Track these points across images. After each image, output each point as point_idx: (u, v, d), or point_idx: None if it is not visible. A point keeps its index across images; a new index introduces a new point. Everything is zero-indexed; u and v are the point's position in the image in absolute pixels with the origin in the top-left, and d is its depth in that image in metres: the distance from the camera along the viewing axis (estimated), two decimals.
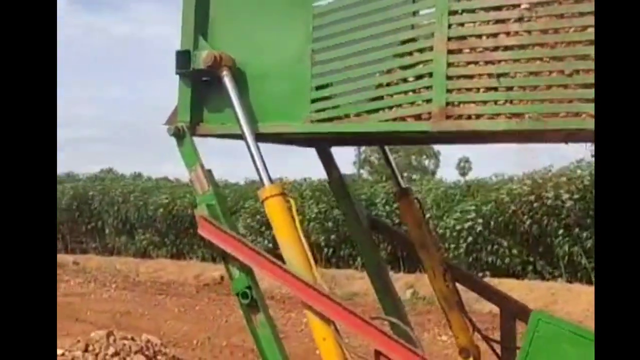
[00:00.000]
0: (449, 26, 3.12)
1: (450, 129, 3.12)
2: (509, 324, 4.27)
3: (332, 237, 14.76)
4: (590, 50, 2.77)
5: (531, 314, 3.10)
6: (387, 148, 4.95)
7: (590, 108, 2.75)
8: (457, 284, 4.58)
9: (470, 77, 3.06)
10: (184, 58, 3.87)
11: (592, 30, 2.78)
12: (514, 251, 12.63)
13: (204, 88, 3.94)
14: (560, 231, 12.01)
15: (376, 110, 3.34)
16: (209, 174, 3.82)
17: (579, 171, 12.36)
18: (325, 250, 15.07)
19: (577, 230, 11.86)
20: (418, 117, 3.20)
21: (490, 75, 3.00)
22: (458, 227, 13.16)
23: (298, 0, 3.67)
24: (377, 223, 5.39)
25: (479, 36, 3.04)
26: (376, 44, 3.39)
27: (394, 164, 4.98)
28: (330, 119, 3.51)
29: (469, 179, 16.95)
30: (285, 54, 3.75)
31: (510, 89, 2.96)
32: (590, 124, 2.74)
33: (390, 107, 3.29)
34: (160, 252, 18.65)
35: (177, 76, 3.99)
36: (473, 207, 13.19)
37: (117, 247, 19.89)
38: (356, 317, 3.23)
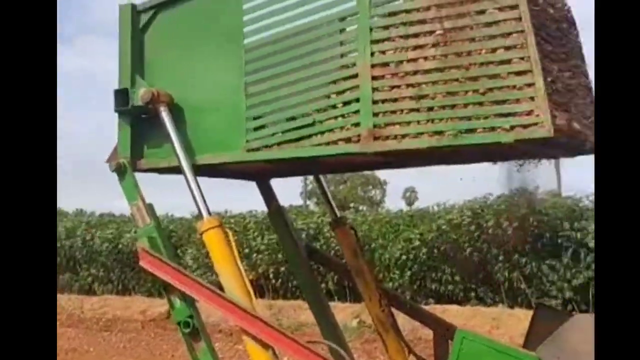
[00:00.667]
0: (372, 54, 3.33)
1: (378, 149, 3.30)
2: (442, 345, 4.46)
3: (282, 269, 14.81)
4: (501, 70, 3.01)
5: (456, 332, 3.30)
6: (322, 178, 5.14)
7: (504, 122, 2.98)
8: (394, 310, 4.77)
9: (394, 100, 3.26)
10: (122, 96, 4.00)
11: (501, 51, 3.01)
12: (457, 278, 12.90)
13: (143, 125, 4.07)
14: (500, 258, 12.32)
15: (309, 136, 3.53)
16: (150, 207, 3.94)
17: (516, 199, 12.72)
18: (274, 281, 15.12)
19: (516, 256, 12.19)
20: (348, 140, 3.39)
21: (412, 97, 3.20)
22: (404, 257, 13.38)
23: (230, 36, 3.84)
24: (315, 252, 5.54)
25: (400, 62, 3.25)
26: (305, 74, 3.59)
27: (329, 194, 5.16)
28: (265, 147, 3.69)
29: (414, 209, 17.24)
30: (220, 88, 3.91)
31: (431, 109, 3.16)
32: (504, 137, 2.98)
33: (322, 133, 3.49)
34: (106, 288, 18.42)
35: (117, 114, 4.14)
36: (417, 236, 13.44)
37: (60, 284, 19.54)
38: (294, 342, 3.36)
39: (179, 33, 4.03)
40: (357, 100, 3.36)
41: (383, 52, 3.32)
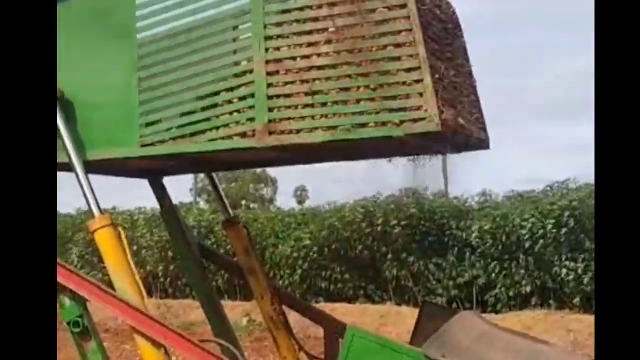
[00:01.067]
0: (266, 50, 3.39)
1: (273, 143, 3.37)
2: (333, 342, 4.56)
3: (171, 267, 14.59)
4: (391, 66, 3.14)
5: (347, 328, 3.39)
6: (214, 176, 5.15)
7: (395, 117, 3.11)
8: (285, 307, 4.83)
9: (289, 95, 3.33)
10: None
11: (391, 48, 3.14)
12: (346, 276, 13.11)
13: None
14: (389, 256, 12.63)
15: (203, 131, 3.55)
16: None
17: (405, 199, 13.08)
18: (162, 279, 14.88)
19: (404, 255, 12.53)
20: (243, 135, 3.44)
21: (306, 93, 3.29)
22: (294, 255, 13.48)
23: (123, 32, 3.80)
24: (207, 250, 5.53)
25: (294, 58, 3.33)
26: (200, 70, 3.61)
27: (221, 192, 5.17)
28: (160, 142, 3.67)
29: (306, 207, 17.39)
30: (113, 83, 3.86)
31: (324, 104, 3.26)
32: (395, 131, 3.11)
33: (217, 127, 3.52)
34: None
35: None
36: (308, 235, 13.57)
37: None
38: (185, 340, 3.37)
39: (71, 26, 3.94)
40: (252, 95, 3.41)
41: (277, 49, 3.39)
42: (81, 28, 3.93)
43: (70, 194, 3.98)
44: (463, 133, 3.37)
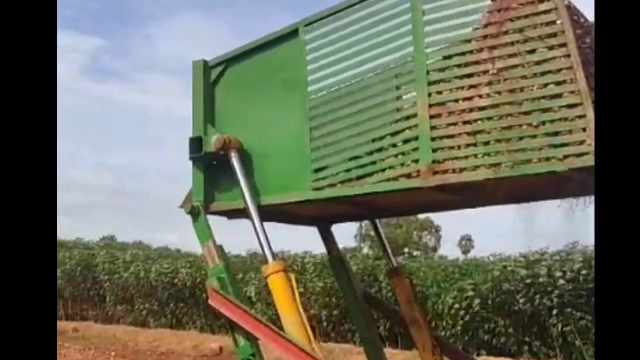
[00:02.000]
0: (429, 95, 3.55)
1: (437, 183, 3.50)
2: None
3: (335, 312, 14.84)
4: (553, 104, 3.20)
5: None
6: (379, 227, 5.30)
7: (558, 152, 3.16)
8: (446, 358, 4.86)
9: (452, 136, 3.47)
10: (196, 143, 4.29)
11: (552, 86, 3.21)
12: (510, 330, 12.73)
13: (214, 170, 4.35)
14: (555, 311, 12.14)
15: (370, 174, 3.75)
16: (220, 249, 4.17)
17: (571, 254, 12.56)
18: (325, 324, 15.16)
19: (569, 309, 12.00)
20: (409, 176, 3.60)
21: (468, 133, 3.41)
22: (456, 306, 13.29)
23: (294, 85, 4.11)
24: (372, 299, 5.69)
25: (456, 100, 3.47)
26: (366, 116, 3.83)
27: (386, 243, 5.32)
28: (330, 186, 3.90)
29: (469, 257, 17.13)
30: (286, 133, 4.16)
31: (487, 143, 3.36)
32: (558, 166, 3.15)
33: (384, 170, 3.70)
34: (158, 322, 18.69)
35: (190, 161, 4.42)
36: (471, 286, 13.35)
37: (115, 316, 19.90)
38: None
39: (247, 84, 4.32)
40: (416, 138, 3.58)
41: (439, 93, 3.55)
42: (256, 84, 4.30)
43: (240, 237, 4.24)
44: None
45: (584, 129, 3.10)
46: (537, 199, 4.07)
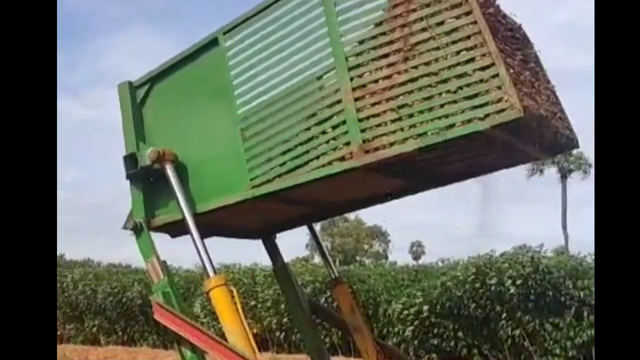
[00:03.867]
0: (351, 79, 3.65)
1: (370, 160, 3.57)
2: None
3: (284, 320, 14.89)
4: (468, 68, 3.33)
5: None
6: (321, 239, 5.40)
7: (478, 113, 3.28)
8: None
9: (377, 115, 3.55)
10: (130, 160, 4.31)
11: (464, 52, 3.34)
12: (460, 334, 12.93)
13: (152, 187, 4.37)
14: (504, 315, 12.38)
15: (305, 163, 3.79)
16: (164, 264, 4.21)
17: (520, 257, 12.81)
18: (278, 333, 15.21)
19: (519, 314, 12.25)
20: (342, 159, 3.66)
21: (392, 109, 3.51)
22: (405, 312, 13.45)
23: (220, 92, 4.14)
24: (317, 307, 5.76)
25: (376, 81, 3.57)
26: (292, 110, 3.89)
27: (327, 254, 5.42)
28: (268, 182, 3.93)
29: (420, 264, 17.36)
30: (219, 139, 4.19)
31: (411, 115, 3.46)
32: (480, 125, 3.27)
33: (318, 157, 3.75)
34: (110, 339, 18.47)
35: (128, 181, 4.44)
36: (420, 292, 13.53)
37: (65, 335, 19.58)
38: None
39: (174, 98, 4.38)
40: (344, 122, 3.66)
41: (360, 76, 3.65)
42: (183, 96, 4.36)
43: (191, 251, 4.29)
44: (548, 128, 3.51)
45: (499, 87, 3.24)
46: (475, 175, 4.27)
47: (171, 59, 4.40)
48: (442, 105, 3.40)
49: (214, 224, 4.50)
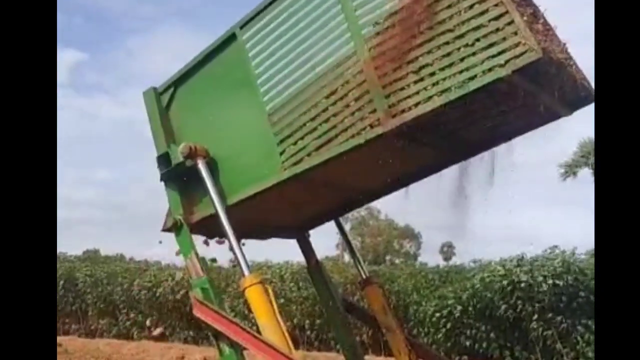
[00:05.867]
0: (369, 50, 3.74)
1: (399, 122, 3.65)
2: None
3: (317, 321, 14.92)
4: (482, 20, 3.40)
5: None
6: (351, 240, 5.43)
7: (498, 60, 3.34)
8: None
9: (399, 79, 3.63)
10: (164, 159, 4.42)
11: (477, 5, 3.41)
12: (492, 335, 12.84)
13: (186, 185, 4.48)
14: (535, 316, 12.27)
15: (335, 137, 3.88)
16: (202, 261, 4.30)
17: (550, 260, 12.68)
18: (309, 332, 15.24)
19: (550, 314, 12.13)
20: (370, 127, 3.75)
21: (413, 71, 3.60)
22: (437, 314, 13.40)
23: (243, 83, 4.25)
24: (351, 306, 5.82)
25: (394, 47, 3.65)
26: (316, 88, 3.99)
27: (357, 253, 5.48)
28: (300, 161, 4.02)
29: (450, 264, 17.27)
30: (248, 128, 4.27)
31: (432, 74, 3.54)
32: (502, 71, 3.33)
33: (346, 129, 3.84)
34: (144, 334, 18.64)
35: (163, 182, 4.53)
36: (452, 294, 13.47)
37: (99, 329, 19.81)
38: None
39: (199, 97, 4.48)
40: (367, 92, 3.73)
41: (377, 46, 3.74)
42: (208, 94, 4.45)
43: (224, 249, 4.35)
44: (567, 76, 3.55)
45: (515, 33, 3.30)
46: (496, 142, 4.34)
47: (191, 60, 4.50)
48: (462, 60, 3.47)
49: (248, 224, 4.58)
